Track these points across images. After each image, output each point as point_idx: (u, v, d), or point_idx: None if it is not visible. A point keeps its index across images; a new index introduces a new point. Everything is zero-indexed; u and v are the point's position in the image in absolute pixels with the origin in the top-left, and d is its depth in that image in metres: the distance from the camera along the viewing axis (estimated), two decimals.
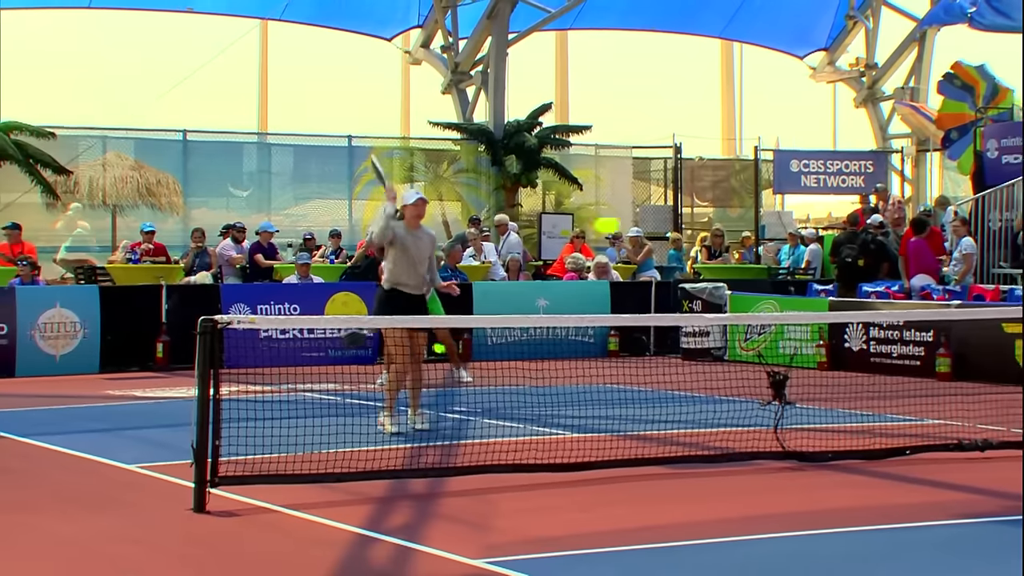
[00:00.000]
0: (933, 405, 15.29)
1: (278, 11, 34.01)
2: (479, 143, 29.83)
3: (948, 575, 7.93)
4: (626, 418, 14.44)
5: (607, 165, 32.43)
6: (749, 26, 35.94)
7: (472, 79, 31.03)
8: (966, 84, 28.23)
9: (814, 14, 34.66)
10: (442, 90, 31.79)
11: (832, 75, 35.32)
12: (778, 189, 33.36)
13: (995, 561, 8.29)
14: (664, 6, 34.34)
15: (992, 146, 25.98)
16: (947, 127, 28.84)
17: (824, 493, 10.48)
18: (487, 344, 21.29)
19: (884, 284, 22.59)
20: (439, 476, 10.90)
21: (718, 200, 34.65)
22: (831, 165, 32.65)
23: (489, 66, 30.32)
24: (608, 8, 33.41)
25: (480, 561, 8.04)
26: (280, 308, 20.89)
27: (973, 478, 11.08)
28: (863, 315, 20.39)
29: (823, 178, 32.51)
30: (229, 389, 12.14)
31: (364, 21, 34.10)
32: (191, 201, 28.72)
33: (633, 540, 8.68)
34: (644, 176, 33.62)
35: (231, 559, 8.39)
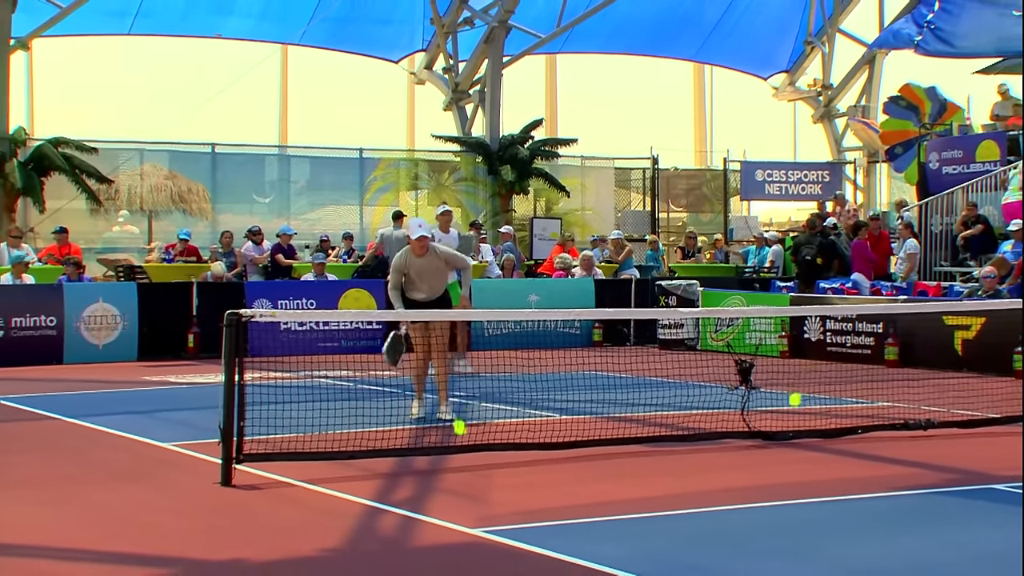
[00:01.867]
0: (882, 389, 15.30)
1: (297, 36, 33.97)
2: (477, 155, 29.78)
3: (895, 539, 7.91)
4: (609, 402, 14.44)
5: (591, 174, 32.37)
6: (718, 50, 35.91)
7: (471, 97, 30.98)
8: (911, 104, 28.25)
9: (776, 40, 34.63)
10: (444, 107, 31.74)
11: (792, 94, 35.27)
12: (745, 196, 33.34)
13: (937, 527, 8.32)
14: (642, 32, 34.29)
15: (934, 158, 26.00)
16: (891, 143, 28.87)
17: (786, 468, 10.48)
18: (484, 336, 21.24)
19: (839, 281, 22.61)
20: (440, 454, 10.89)
21: (691, 206, 34.60)
22: (792, 175, 32.64)
23: (486, 86, 30.29)
24: (592, 34, 33.35)
25: (477, 530, 8.03)
26: (298, 303, 20.88)
27: (918, 454, 11.08)
28: (820, 309, 20.35)
29: (785, 186, 32.50)
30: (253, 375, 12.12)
31: (374, 45, 34.06)
32: (219, 207, 28.68)
33: (616, 511, 8.68)
34: (625, 184, 33.57)
35: (253, 527, 8.37)
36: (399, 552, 7.75)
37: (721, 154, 34.75)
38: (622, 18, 32.31)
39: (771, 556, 7.47)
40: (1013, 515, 8.73)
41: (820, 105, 34.35)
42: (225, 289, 21.38)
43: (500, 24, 29.50)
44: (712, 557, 7.42)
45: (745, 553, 7.55)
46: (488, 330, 21.43)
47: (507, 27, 29.66)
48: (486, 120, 30.17)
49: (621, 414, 13.33)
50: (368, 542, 8.05)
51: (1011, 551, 7.58)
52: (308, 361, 16.62)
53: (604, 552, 7.38)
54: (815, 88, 34.41)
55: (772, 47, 34.88)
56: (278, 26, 33.12)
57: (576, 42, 34.11)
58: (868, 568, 7.19)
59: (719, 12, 34.45)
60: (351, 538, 8.04)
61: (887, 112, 29.15)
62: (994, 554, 7.54)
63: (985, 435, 12.23)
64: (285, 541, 7.90)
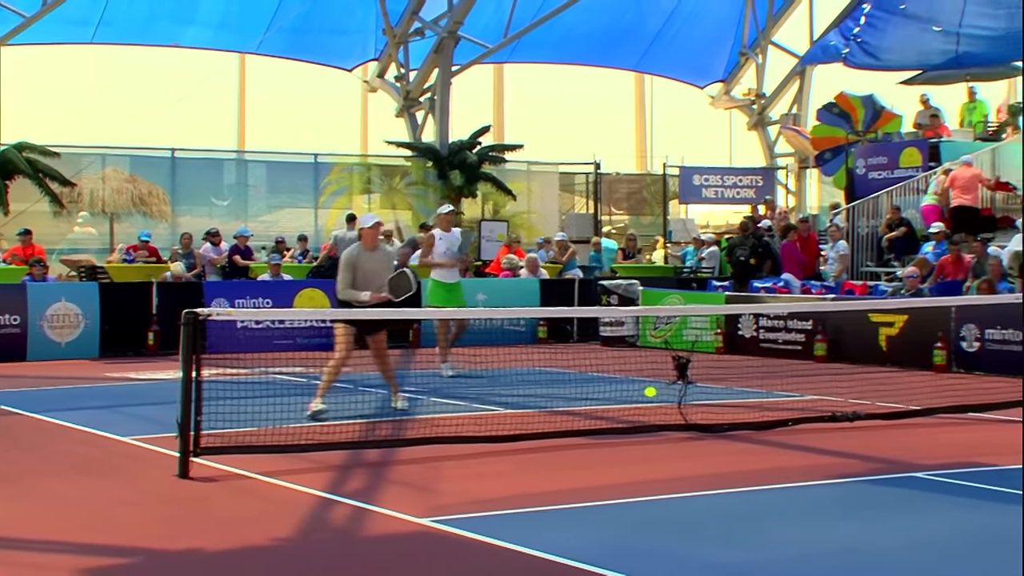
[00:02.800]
0: (812, 383, 15.42)
1: (254, 46, 33.74)
2: (427, 160, 29.72)
3: (827, 525, 7.97)
4: (553, 396, 14.49)
5: (537, 179, 32.38)
6: (658, 61, 35.97)
7: (421, 104, 30.91)
8: (843, 112, 28.42)
9: (713, 51, 34.75)
10: (395, 114, 31.63)
11: (728, 103, 35.41)
12: (683, 199, 33.45)
13: (865, 513, 8.36)
14: (586, 43, 34.30)
15: (861, 164, 26.25)
16: (821, 148, 29.07)
17: (721, 459, 10.52)
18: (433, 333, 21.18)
19: (771, 280, 22.74)
20: (391, 447, 10.86)
21: (632, 209, 34.68)
22: (727, 179, 32.77)
23: (436, 93, 30.23)
24: (538, 45, 33.32)
25: (426, 520, 8.02)
26: (255, 302, 20.76)
27: (845, 445, 11.16)
28: (754, 307, 20.46)
29: (720, 190, 32.63)
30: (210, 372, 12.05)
31: (328, 54, 33.89)
32: (178, 209, 28.45)
33: (559, 500, 8.69)
34: (569, 188, 33.59)
35: (210, 517, 8.32)
36: (351, 541, 7.73)
37: (661, 159, 34.86)
38: (567, 29, 32.32)
39: (714, 542, 7.50)
40: (934, 501, 8.84)
41: (754, 113, 34.52)
42: (184, 289, 21.25)
43: (449, 35, 29.47)
44: (659, 544, 7.45)
45: (690, 539, 7.58)
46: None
47: (456, 37, 29.63)
48: (436, 126, 30.12)
49: (565, 408, 13.36)
50: (321, 532, 8.01)
51: (935, 536, 7.67)
52: (264, 358, 16.53)
53: (551, 540, 7.39)
54: (749, 97, 34.57)
55: (709, 58, 35.00)
56: (236, 36, 32.89)
57: (523, 52, 34.10)
58: (805, 553, 7.24)
59: (659, 24, 34.54)
60: (305, 528, 8.00)
61: (819, 119, 29.32)
62: (918, 538, 7.62)
63: (907, 426, 12.34)
64: (240, 531, 7.86)
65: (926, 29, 28.52)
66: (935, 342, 17.46)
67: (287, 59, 34.87)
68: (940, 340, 17.46)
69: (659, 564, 6.86)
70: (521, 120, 46.08)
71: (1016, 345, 16.75)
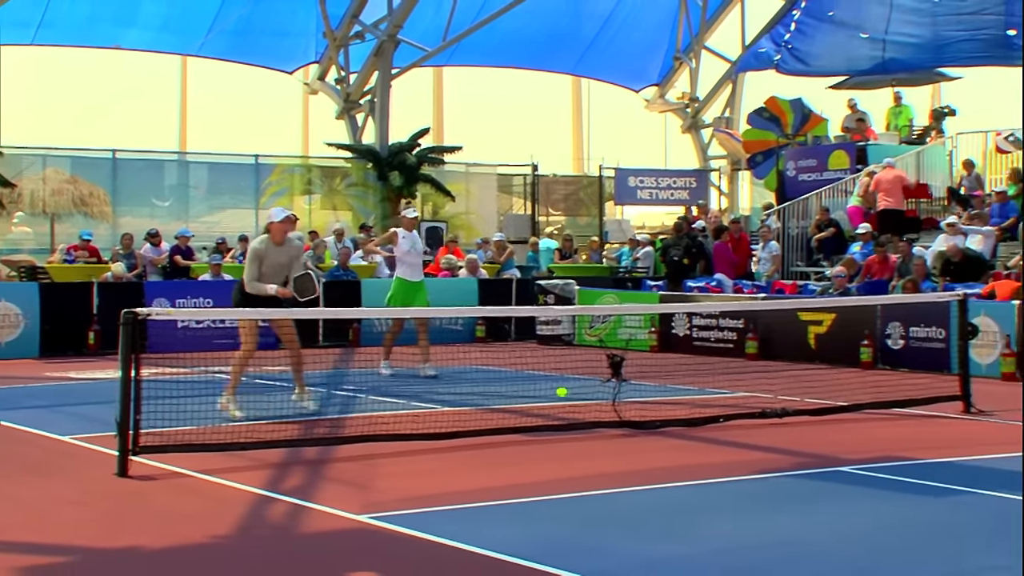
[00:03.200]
0: (743, 380, 15.54)
1: (195, 48, 33.48)
2: (367, 161, 29.60)
3: (758, 519, 8.02)
4: (490, 394, 14.49)
5: (476, 180, 32.34)
6: (594, 64, 36.06)
7: (361, 107, 30.78)
8: (774, 116, 28.66)
9: (647, 55, 34.87)
10: (336, 116, 31.49)
11: (663, 106, 35.55)
12: (619, 201, 33.57)
13: (793, 506, 8.44)
14: (524, 47, 34.31)
15: (791, 167, 26.48)
16: (752, 151, 29.29)
17: (653, 455, 10.56)
18: (373, 332, 21.16)
19: (704, 280, 22.89)
20: (329, 444, 10.81)
21: (569, 210, 34.71)
22: (662, 181, 32.92)
23: (376, 96, 30.12)
24: (477, 48, 33.29)
25: (363, 516, 7.99)
26: (196, 302, 20.62)
27: (774, 440, 11.24)
28: (687, 306, 20.59)
29: (655, 192, 32.77)
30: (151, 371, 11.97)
31: (269, 57, 33.68)
32: (119, 210, 28.14)
33: (494, 497, 8.68)
34: (507, 189, 33.59)
35: (148, 515, 8.24)
36: (288, 538, 7.69)
37: (597, 161, 34.98)
38: (505, 33, 32.31)
39: (654, 537, 7.52)
40: (859, 495, 8.92)
41: (688, 116, 34.69)
42: (124, 289, 21.03)
43: (389, 38, 29.38)
44: (590, 539, 7.45)
45: (630, 535, 7.58)
46: (378, 327, 21.34)
47: (396, 41, 29.54)
48: (376, 128, 30.02)
49: (502, 405, 13.37)
50: (259, 528, 7.96)
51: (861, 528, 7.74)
52: (205, 357, 16.40)
53: (486, 536, 7.38)
54: (683, 101, 34.74)
55: (644, 62, 35.13)
56: (177, 38, 32.61)
57: (462, 56, 34.07)
58: (737, 546, 7.28)
59: (595, 29, 34.63)
60: (242, 525, 7.95)
61: (750, 123, 29.55)
62: (845, 530, 7.68)
63: (835, 422, 12.46)
64: (178, 528, 7.80)
65: (854, 36, 28.83)
66: (862, 340, 17.65)
67: (228, 61, 34.62)
68: (867, 338, 17.64)
69: (600, 559, 6.87)
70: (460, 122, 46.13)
71: (939, 343, 16.97)
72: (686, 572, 6.73)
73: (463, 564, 6.90)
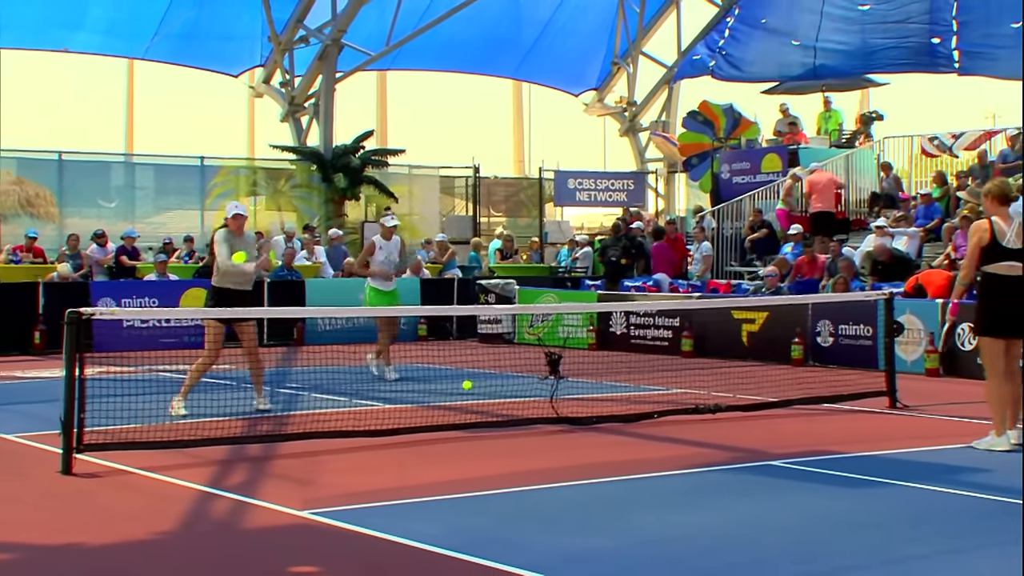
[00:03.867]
0: (678, 377, 15.60)
1: (141, 51, 33.19)
2: (312, 163, 29.46)
3: (687, 512, 8.06)
4: (431, 391, 14.48)
5: (418, 182, 32.26)
6: (535, 69, 36.11)
7: (306, 110, 30.65)
8: (707, 119, 28.86)
9: (586, 60, 34.97)
10: (280, 119, 31.32)
11: (601, 110, 35.65)
12: (558, 202, 33.63)
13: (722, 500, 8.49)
14: (466, 52, 34.30)
15: (725, 169, 26.66)
16: (688, 154, 29.47)
17: (590, 451, 10.58)
18: (316, 331, 21.10)
19: (641, 280, 22.98)
20: (272, 442, 10.76)
21: (510, 211, 34.71)
22: (600, 183, 33.02)
23: (320, 99, 30.00)
24: (420, 53, 33.22)
25: (305, 512, 7.96)
26: (141, 301, 20.45)
27: (707, 435, 11.31)
28: (624, 305, 20.68)
29: (594, 193, 32.85)
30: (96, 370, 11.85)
31: (215, 60, 33.44)
32: (66, 211, 27.85)
33: (434, 492, 8.66)
34: (449, 191, 33.54)
35: (91, 512, 8.17)
36: (231, 533, 7.65)
37: (537, 163, 35.00)
38: (447, 38, 32.27)
39: (574, 530, 7.55)
40: (787, 488, 9.00)
41: (625, 120, 34.81)
42: (70, 289, 20.80)
43: (333, 42, 29.26)
44: (520, 533, 7.46)
45: (550, 528, 7.61)
46: (321, 326, 21.28)
47: (340, 45, 29.43)
48: (320, 131, 29.89)
49: (442, 403, 13.35)
50: (202, 524, 7.91)
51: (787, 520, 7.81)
52: (150, 356, 16.28)
53: (422, 530, 7.38)
54: (621, 105, 34.86)
55: (583, 67, 35.22)
56: (124, 41, 32.32)
57: (405, 60, 34.00)
58: (660, 538, 7.32)
59: (535, 34, 34.68)
60: (185, 521, 7.89)
61: (685, 126, 29.74)
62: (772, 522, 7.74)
63: (766, 417, 12.55)
64: (121, 525, 7.73)
65: (786, 43, 29.11)
66: (793, 337, 17.80)
67: (174, 65, 34.36)
68: (797, 335, 17.79)
69: (519, 552, 6.88)
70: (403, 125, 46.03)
71: (866, 340, 17.14)
72: (604, 564, 6.72)
73: (396, 558, 6.89)
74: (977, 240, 10.26)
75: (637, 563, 6.74)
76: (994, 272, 10.23)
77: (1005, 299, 10.23)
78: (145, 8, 30.87)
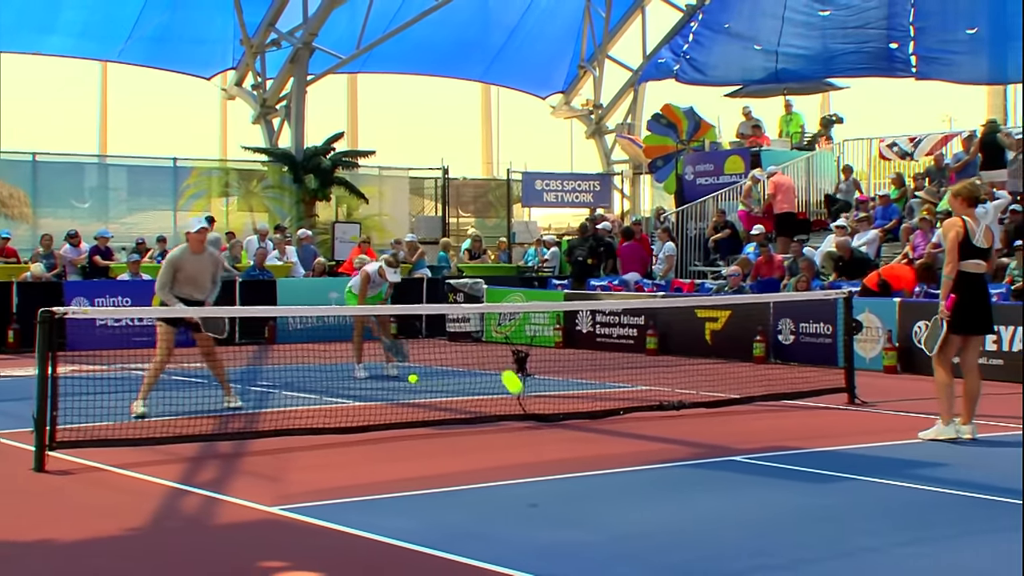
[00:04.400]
0: (643, 374, 15.65)
1: (115, 54, 33.05)
2: (283, 164, 29.39)
3: (652, 506, 8.09)
4: (400, 389, 14.46)
5: (388, 183, 32.23)
6: (503, 72, 36.14)
7: (277, 112, 30.57)
8: (670, 122, 28.94)
9: (553, 63, 35.02)
10: (252, 121, 31.23)
11: (568, 112, 35.69)
12: (526, 203, 33.63)
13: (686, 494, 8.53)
14: (435, 55, 34.28)
15: (689, 171, 26.72)
16: (653, 156, 29.54)
17: (557, 446, 10.59)
18: (287, 330, 21.06)
19: (607, 279, 23.02)
20: (243, 439, 10.73)
21: (478, 212, 34.73)
22: (567, 184, 33.02)
23: (291, 101, 29.93)
24: (390, 56, 33.19)
25: (275, 508, 7.93)
26: (114, 301, 20.34)
27: (671, 432, 11.35)
28: (591, 304, 20.71)
29: (561, 194, 32.85)
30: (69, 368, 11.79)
31: (187, 63, 33.32)
32: (40, 211, 27.70)
33: (404, 488, 8.66)
34: (418, 192, 33.53)
35: (63, 509, 8.13)
36: (202, 529, 7.62)
37: (505, 165, 35.05)
38: (417, 41, 32.23)
39: (543, 524, 7.56)
40: (749, 482, 9.04)
41: (592, 123, 34.87)
42: (44, 288, 20.68)
43: (304, 45, 29.19)
44: (488, 527, 7.47)
45: (523, 523, 7.62)
46: (292, 324, 21.23)
47: (311, 48, 29.37)
48: (292, 133, 29.82)
49: (411, 400, 13.33)
50: (173, 520, 7.88)
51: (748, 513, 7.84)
52: (123, 355, 16.19)
53: (392, 525, 7.37)
54: (587, 107, 34.93)
55: (550, 70, 35.27)
56: (97, 44, 32.18)
57: (375, 63, 33.96)
58: (628, 533, 7.32)
59: (503, 38, 34.70)
60: (156, 517, 7.86)
61: (650, 129, 29.82)
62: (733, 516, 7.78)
63: (728, 414, 12.60)
64: (93, 521, 7.69)
65: (748, 47, 29.21)
66: (755, 335, 17.87)
67: (147, 67, 34.21)
68: (759, 334, 17.87)
69: (486, 545, 6.88)
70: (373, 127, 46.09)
71: (826, 338, 17.24)
72: (574, 558, 6.74)
73: (368, 553, 6.89)
74: (955, 235, 10.36)
75: (607, 557, 6.76)
76: (963, 270, 10.41)
77: (973, 296, 10.46)
78: (118, 11, 30.73)
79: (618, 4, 33.44)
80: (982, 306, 10.58)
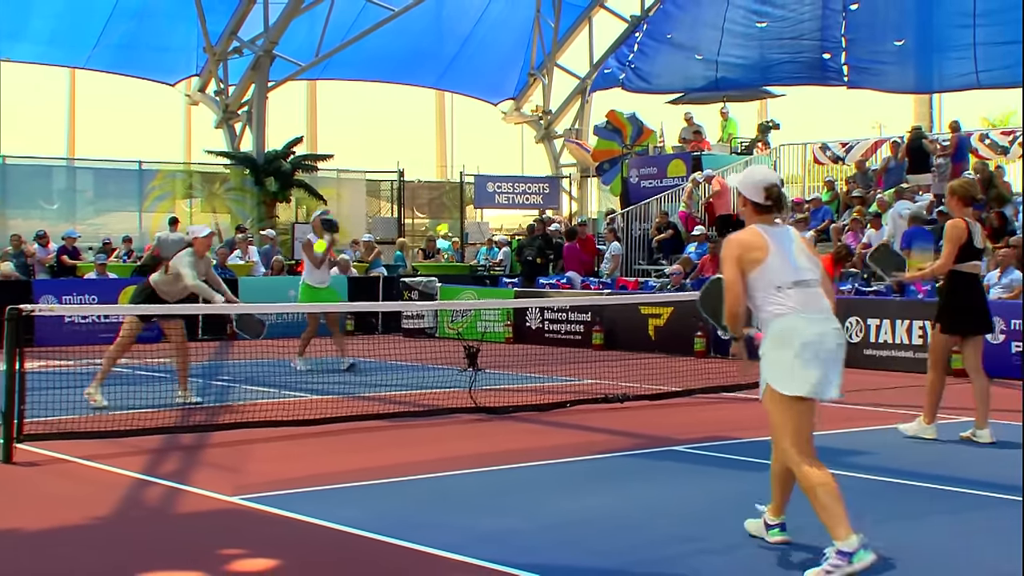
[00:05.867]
0: (589, 368, 15.69)
1: (82, 61, 32.77)
2: (245, 167, 29.23)
3: (594, 495, 8.11)
4: (356, 383, 14.41)
5: (346, 185, 32.10)
6: (456, 79, 36.09)
7: (239, 117, 30.39)
8: (615, 128, 29.04)
9: (504, 71, 35.02)
10: (215, 125, 31.03)
11: (519, 118, 35.72)
12: (478, 204, 33.63)
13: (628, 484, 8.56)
14: (391, 63, 34.18)
15: (634, 174, 26.83)
16: (600, 160, 29.63)
17: (505, 438, 10.62)
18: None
19: (556, 277, 23.06)
20: (204, 431, 10.64)
21: (433, 213, 34.68)
22: (518, 187, 33.05)
23: (253, 107, 29.76)
24: (347, 64, 33.07)
25: (235, 498, 7.90)
26: (82, 299, 20.13)
27: (615, 423, 11.38)
28: (540, 301, 20.72)
29: (512, 196, 32.88)
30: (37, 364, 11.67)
31: (153, 70, 33.08)
32: (9, 212, 27.40)
33: (357, 478, 8.64)
34: (375, 194, 33.42)
35: (30, 499, 8.06)
36: (164, 518, 7.57)
37: (458, 168, 35.00)
38: (373, 50, 32.12)
39: (488, 512, 7.57)
40: (690, 472, 9.09)
41: (541, 128, 34.91)
42: (13, 287, 20.44)
43: (265, 53, 29.04)
44: (436, 516, 7.46)
45: (464, 511, 7.62)
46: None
47: (272, 56, 29.21)
48: (253, 137, 29.66)
49: (367, 393, 13.31)
50: (136, 510, 7.82)
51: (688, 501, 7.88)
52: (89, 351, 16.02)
53: (345, 514, 7.35)
54: (537, 113, 34.96)
55: (501, 77, 35.27)
56: (65, 51, 31.87)
57: (334, 70, 33.84)
58: (569, 520, 7.34)
59: (456, 47, 34.66)
60: (120, 507, 7.80)
61: (597, 134, 29.91)
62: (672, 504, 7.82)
63: (670, 406, 12.67)
64: (59, 511, 7.62)
65: (690, 57, 29.38)
66: (696, 331, 17.96)
67: (114, 73, 33.93)
68: (700, 329, 17.95)
69: (434, 533, 6.88)
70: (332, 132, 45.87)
71: None
72: (516, 545, 6.73)
73: (320, 540, 6.87)
74: (957, 238, 10.05)
75: (548, 544, 6.77)
76: (960, 270, 10.14)
77: (970, 296, 10.23)
78: (86, 20, 30.45)
79: (566, 15, 33.50)
80: (979, 306, 10.30)
